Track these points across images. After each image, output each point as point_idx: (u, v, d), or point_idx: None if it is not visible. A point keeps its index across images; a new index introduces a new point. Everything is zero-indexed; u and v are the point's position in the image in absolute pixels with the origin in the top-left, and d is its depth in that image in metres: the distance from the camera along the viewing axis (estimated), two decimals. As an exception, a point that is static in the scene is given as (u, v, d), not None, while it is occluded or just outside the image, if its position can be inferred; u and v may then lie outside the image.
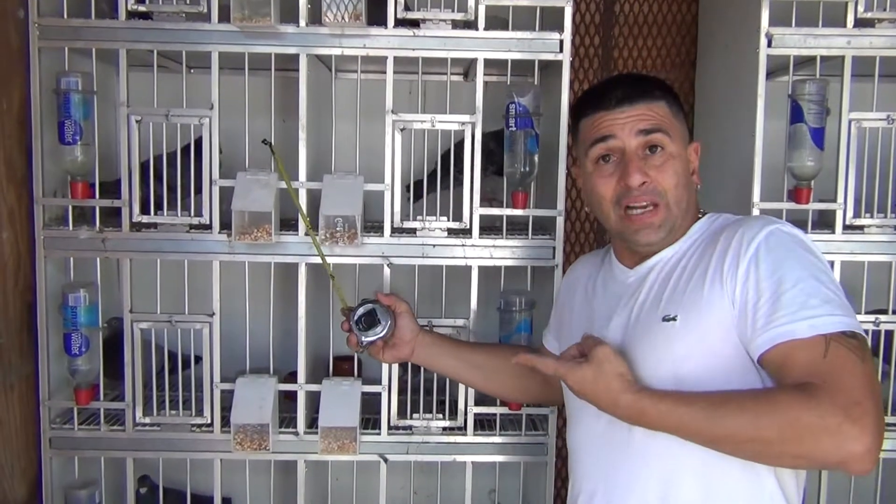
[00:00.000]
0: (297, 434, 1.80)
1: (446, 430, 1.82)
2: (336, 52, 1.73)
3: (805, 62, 1.76)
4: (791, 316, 1.05)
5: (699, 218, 1.28)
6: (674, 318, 1.16)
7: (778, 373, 1.07)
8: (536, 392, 1.57)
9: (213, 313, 1.75)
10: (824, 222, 1.78)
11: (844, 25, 1.71)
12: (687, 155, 1.26)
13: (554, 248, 1.77)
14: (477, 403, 1.80)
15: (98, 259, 1.75)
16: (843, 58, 1.71)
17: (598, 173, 1.25)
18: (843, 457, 0.96)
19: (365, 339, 1.44)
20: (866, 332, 1.74)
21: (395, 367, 1.79)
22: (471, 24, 1.73)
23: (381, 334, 1.44)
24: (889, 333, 1.76)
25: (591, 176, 1.26)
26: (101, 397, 1.81)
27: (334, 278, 1.55)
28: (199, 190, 1.74)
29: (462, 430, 1.81)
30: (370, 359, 1.55)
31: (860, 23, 1.70)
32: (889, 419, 1.78)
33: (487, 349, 1.62)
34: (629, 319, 1.24)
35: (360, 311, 1.44)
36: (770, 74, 1.73)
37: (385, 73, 1.73)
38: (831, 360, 1.01)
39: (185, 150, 1.75)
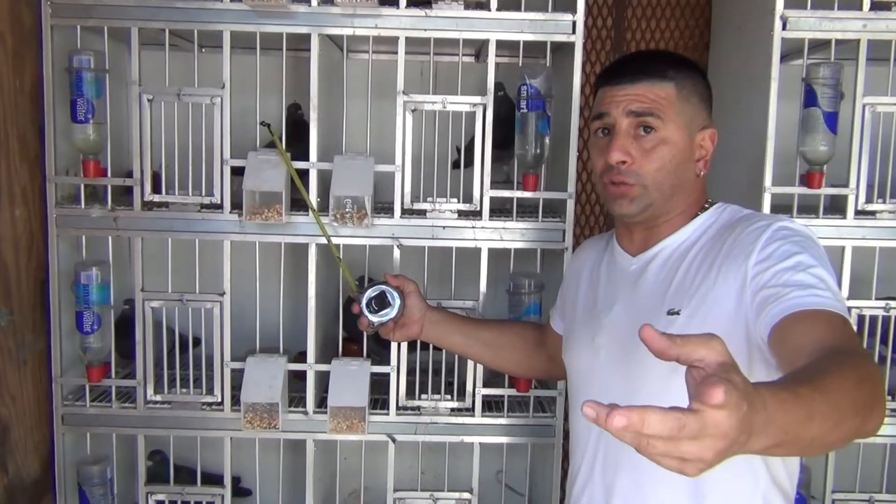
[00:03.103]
0: (306, 413, 1.81)
1: (454, 411, 1.83)
2: (347, 32, 1.72)
3: (819, 45, 1.75)
4: (809, 291, 1.03)
5: (705, 208, 1.27)
6: (677, 313, 1.16)
7: (798, 335, 1.00)
8: (542, 368, 1.60)
9: (224, 293, 1.76)
10: (836, 207, 1.77)
11: (860, 8, 1.69)
12: (693, 140, 1.24)
13: (564, 230, 1.77)
14: (485, 385, 1.81)
15: (110, 238, 1.76)
16: (858, 41, 1.69)
17: (594, 145, 1.28)
18: (883, 416, 0.90)
19: (376, 321, 1.46)
20: (876, 318, 1.75)
21: (405, 347, 1.80)
22: (483, 5, 1.72)
23: (393, 315, 1.46)
24: (899, 319, 1.76)
25: (590, 146, 1.30)
26: (113, 375, 1.82)
27: (341, 260, 1.55)
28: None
29: (470, 411, 1.82)
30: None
31: (876, 6, 1.69)
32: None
33: (495, 326, 1.64)
34: (632, 308, 1.25)
35: (371, 293, 1.46)
36: (784, 57, 1.71)
37: (396, 53, 1.73)
38: (850, 329, 1.01)
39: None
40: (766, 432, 0.74)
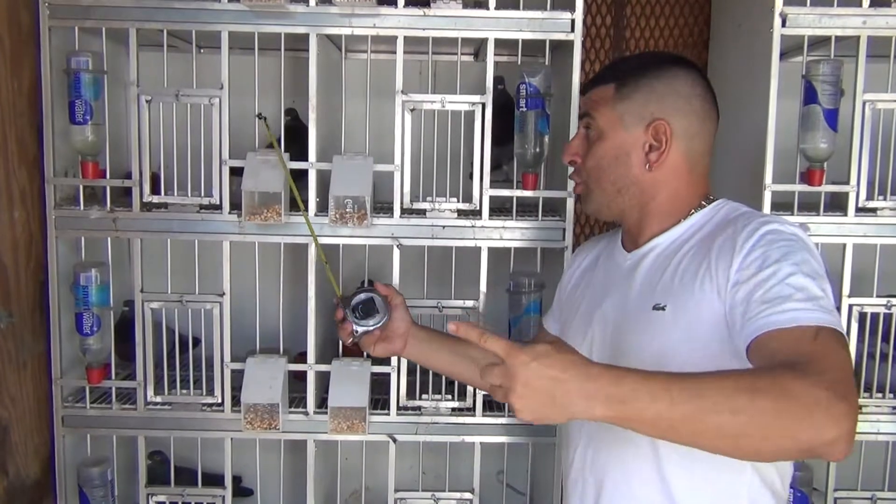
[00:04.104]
0: (306, 414, 1.81)
1: (455, 411, 1.82)
2: (346, 31, 1.72)
3: (819, 42, 1.74)
4: (781, 307, 1.02)
5: (703, 205, 1.25)
6: (663, 308, 1.16)
7: (765, 356, 1.02)
8: None
9: (224, 293, 1.76)
10: (837, 204, 1.77)
11: (860, 5, 1.68)
12: (631, 136, 1.23)
13: (564, 229, 1.77)
14: (486, 384, 1.81)
15: (109, 239, 1.76)
16: (858, 38, 1.68)
17: None
18: (831, 437, 0.88)
19: (361, 329, 1.41)
20: (877, 315, 1.74)
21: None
22: (482, 4, 1.72)
23: (379, 324, 1.41)
24: (901, 316, 1.75)
25: None
26: (113, 376, 1.82)
27: (328, 263, 1.53)
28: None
29: (471, 410, 1.82)
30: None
31: (876, 2, 1.68)
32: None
33: None
34: (621, 303, 1.25)
35: (359, 298, 1.42)
36: (784, 55, 1.70)
37: (395, 52, 1.73)
38: (821, 342, 0.99)
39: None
40: (596, 398, 0.88)
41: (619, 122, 1.24)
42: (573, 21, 1.72)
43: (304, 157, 1.73)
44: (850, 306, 1.73)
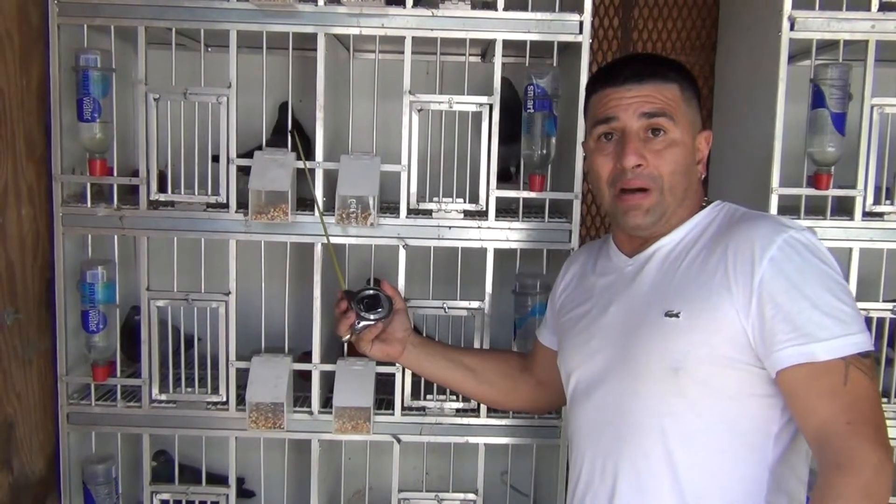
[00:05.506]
0: (311, 413, 1.81)
1: (459, 412, 1.82)
2: (354, 31, 1.72)
3: (828, 46, 1.74)
4: (809, 337, 1.06)
5: (702, 207, 1.26)
6: (677, 315, 1.15)
7: (796, 391, 1.08)
8: (527, 395, 1.56)
9: (230, 292, 1.76)
10: (843, 209, 1.76)
11: (869, 9, 1.68)
12: (694, 143, 1.24)
13: (570, 231, 1.77)
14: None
15: (116, 237, 1.76)
16: (866, 42, 1.68)
17: (598, 151, 1.25)
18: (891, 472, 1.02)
19: (363, 322, 1.43)
20: (883, 320, 1.74)
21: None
22: (490, 5, 1.72)
23: (382, 316, 1.44)
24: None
25: (592, 153, 1.27)
26: (118, 374, 1.82)
27: (334, 253, 1.54)
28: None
29: (475, 411, 1.82)
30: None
31: (885, 6, 1.68)
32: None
33: (478, 352, 1.63)
34: (628, 309, 1.24)
35: (365, 293, 1.45)
36: (792, 58, 1.71)
37: (403, 53, 1.73)
38: (851, 388, 1.04)
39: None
40: None
41: (690, 127, 1.23)
42: (581, 23, 1.72)
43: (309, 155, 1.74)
44: (857, 311, 1.73)
